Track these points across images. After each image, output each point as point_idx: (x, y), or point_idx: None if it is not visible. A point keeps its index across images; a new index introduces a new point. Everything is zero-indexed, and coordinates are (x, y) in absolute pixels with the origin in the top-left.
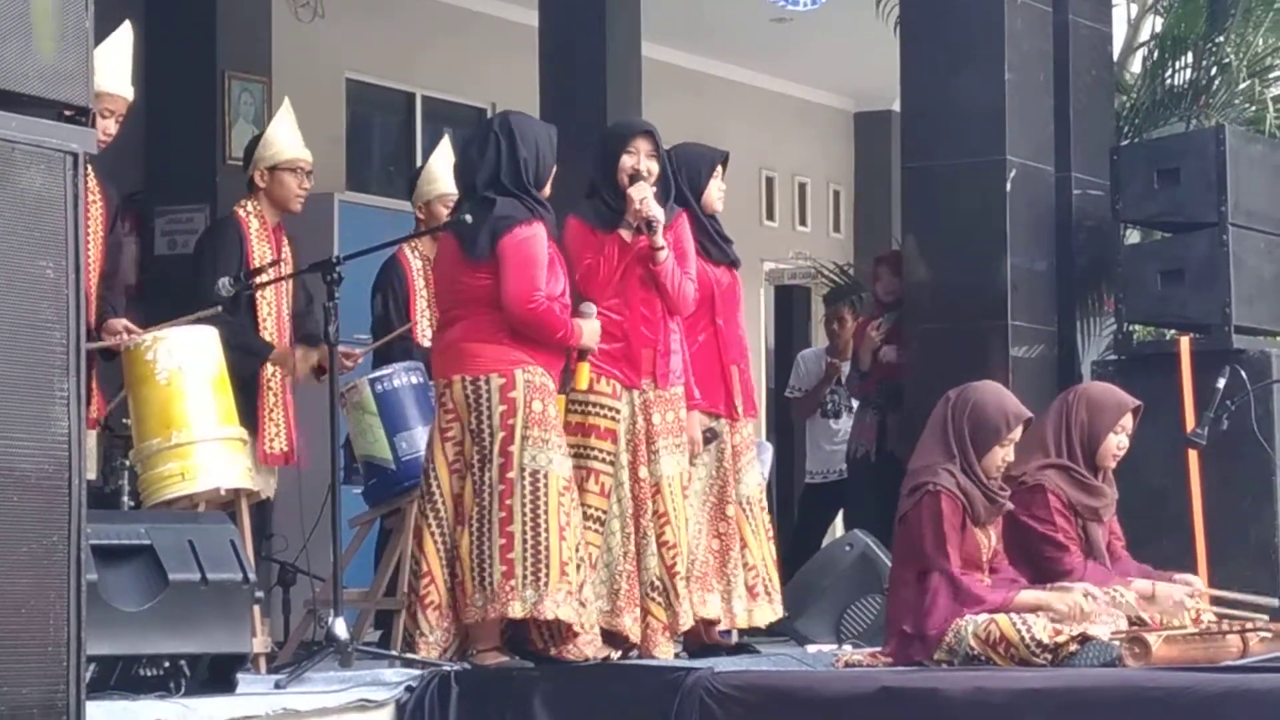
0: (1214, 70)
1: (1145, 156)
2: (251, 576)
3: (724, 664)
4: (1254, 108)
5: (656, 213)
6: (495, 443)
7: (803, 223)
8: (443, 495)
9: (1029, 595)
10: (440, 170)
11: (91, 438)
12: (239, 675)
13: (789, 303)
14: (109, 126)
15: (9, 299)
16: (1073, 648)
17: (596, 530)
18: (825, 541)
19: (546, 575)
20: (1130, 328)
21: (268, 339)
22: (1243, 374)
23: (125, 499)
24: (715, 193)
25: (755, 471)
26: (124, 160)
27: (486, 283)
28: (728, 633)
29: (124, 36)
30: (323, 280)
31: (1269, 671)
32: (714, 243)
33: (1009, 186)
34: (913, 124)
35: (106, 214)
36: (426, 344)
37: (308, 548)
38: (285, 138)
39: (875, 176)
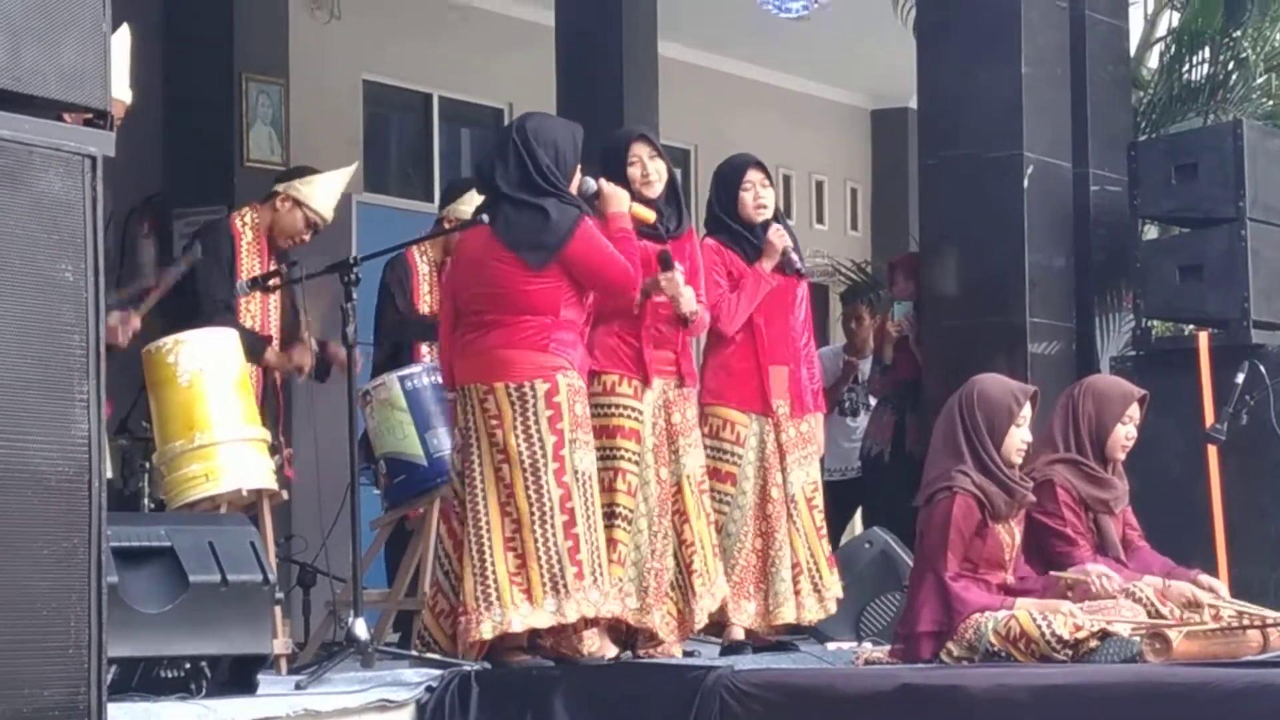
0: (1231, 65)
1: (1163, 152)
2: (272, 577)
3: (744, 662)
4: (1271, 102)
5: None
6: (548, 448)
7: (820, 221)
8: (486, 499)
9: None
10: (473, 200)
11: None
12: (260, 676)
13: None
14: None
15: (28, 301)
16: (1093, 644)
17: (625, 529)
18: (843, 539)
19: (603, 572)
20: (1149, 323)
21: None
22: (1262, 369)
23: (146, 501)
24: (749, 201)
25: (802, 470)
26: (142, 162)
27: (541, 289)
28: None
29: (122, 39)
30: (340, 281)
31: None
32: (754, 248)
33: (1026, 183)
34: (930, 121)
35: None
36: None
37: (327, 548)
38: (326, 191)
39: (892, 174)
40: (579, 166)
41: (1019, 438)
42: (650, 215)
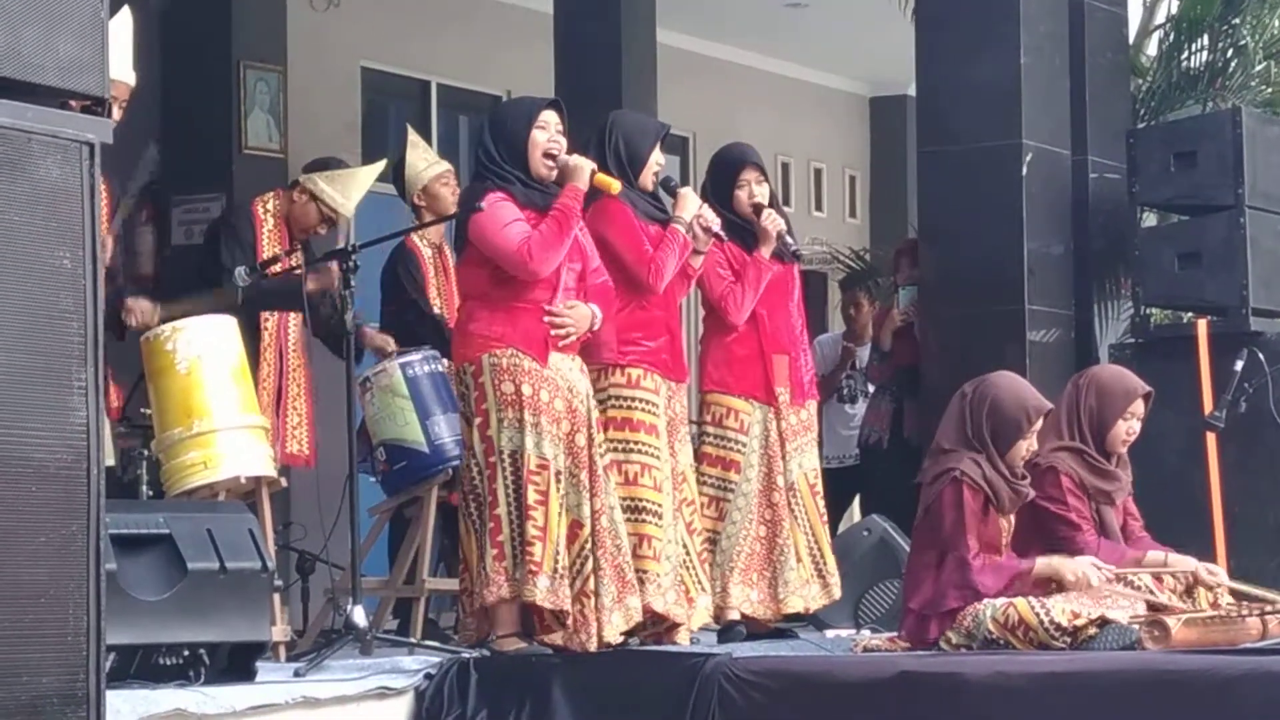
0: (1230, 52)
1: (1162, 139)
2: (270, 565)
3: (742, 650)
4: (1270, 89)
5: (716, 222)
6: (474, 428)
7: (818, 208)
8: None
9: (1040, 566)
10: (417, 157)
11: (107, 425)
12: (258, 664)
13: (805, 288)
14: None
15: (27, 289)
16: (1092, 631)
17: (656, 524)
18: (841, 526)
19: (524, 556)
20: (1147, 311)
21: (266, 335)
22: (1260, 356)
23: (144, 488)
24: (744, 198)
25: (803, 456)
26: (140, 150)
27: (464, 271)
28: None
29: (123, 21)
30: (340, 268)
31: None
32: (752, 236)
33: (1025, 170)
34: (928, 108)
35: (109, 208)
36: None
37: (326, 535)
38: (347, 188)
39: (891, 161)
40: (531, 140)
41: (1024, 449)
42: (615, 185)
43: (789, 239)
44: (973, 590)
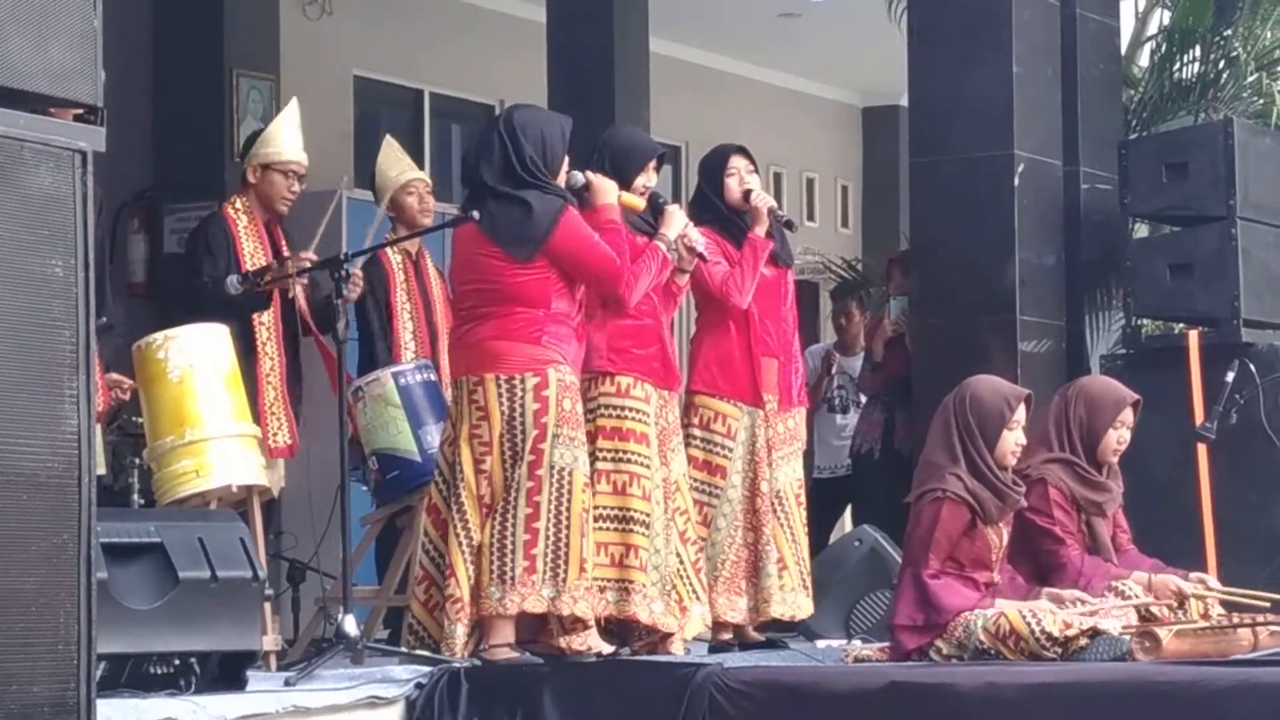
0: (1222, 64)
1: (1153, 150)
2: (261, 574)
3: (733, 660)
4: (1262, 101)
5: (701, 241)
6: (528, 440)
7: (810, 218)
8: (469, 493)
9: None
10: (386, 165)
11: (99, 433)
12: (249, 673)
13: (797, 298)
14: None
15: (18, 297)
16: (1083, 641)
17: (644, 534)
18: (833, 537)
19: (566, 572)
20: (1139, 322)
21: (264, 330)
22: (1251, 368)
23: (135, 497)
24: (735, 186)
25: (790, 465)
26: (133, 158)
27: (528, 281)
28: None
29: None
30: (331, 277)
31: (1279, 665)
32: (744, 232)
33: (1017, 181)
34: (920, 118)
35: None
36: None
37: (317, 544)
38: (283, 138)
39: (883, 171)
40: (566, 158)
41: (1012, 440)
42: (640, 203)
43: (780, 213)
44: (926, 608)
